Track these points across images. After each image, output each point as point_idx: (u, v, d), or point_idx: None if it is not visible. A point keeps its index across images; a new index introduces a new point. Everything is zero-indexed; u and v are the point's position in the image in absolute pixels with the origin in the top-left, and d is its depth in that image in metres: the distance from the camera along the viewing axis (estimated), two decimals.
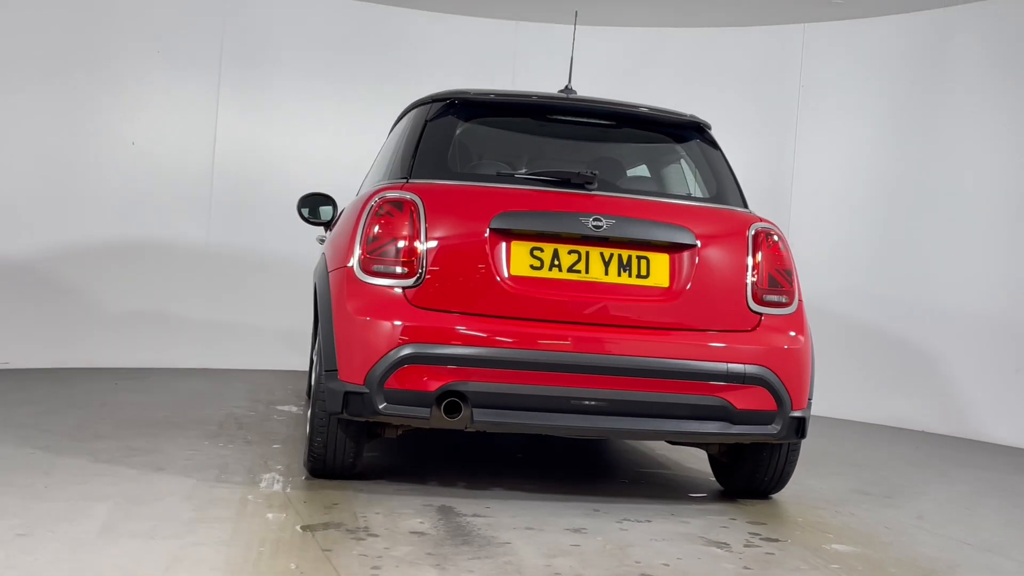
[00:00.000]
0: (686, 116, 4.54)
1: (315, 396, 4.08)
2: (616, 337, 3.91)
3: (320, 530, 3.36)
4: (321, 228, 6.17)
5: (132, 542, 3.09)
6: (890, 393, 7.81)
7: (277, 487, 4.01)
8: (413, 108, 4.59)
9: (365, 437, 4.10)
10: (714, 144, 4.53)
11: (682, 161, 4.53)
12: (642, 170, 4.71)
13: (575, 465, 5.14)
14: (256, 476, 4.21)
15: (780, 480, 4.39)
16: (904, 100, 7.93)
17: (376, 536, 3.33)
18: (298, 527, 3.39)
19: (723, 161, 4.49)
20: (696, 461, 5.26)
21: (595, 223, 3.95)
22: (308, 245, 7.26)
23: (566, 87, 4.70)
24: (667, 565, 3.24)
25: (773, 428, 4.00)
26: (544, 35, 8.98)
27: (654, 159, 4.71)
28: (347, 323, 3.88)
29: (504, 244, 3.94)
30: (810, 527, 3.99)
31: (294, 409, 6.43)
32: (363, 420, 3.92)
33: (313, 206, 5.94)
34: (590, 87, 5.18)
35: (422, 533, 3.41)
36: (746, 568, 3.28)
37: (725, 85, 8.64)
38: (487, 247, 3.92)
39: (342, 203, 6.12)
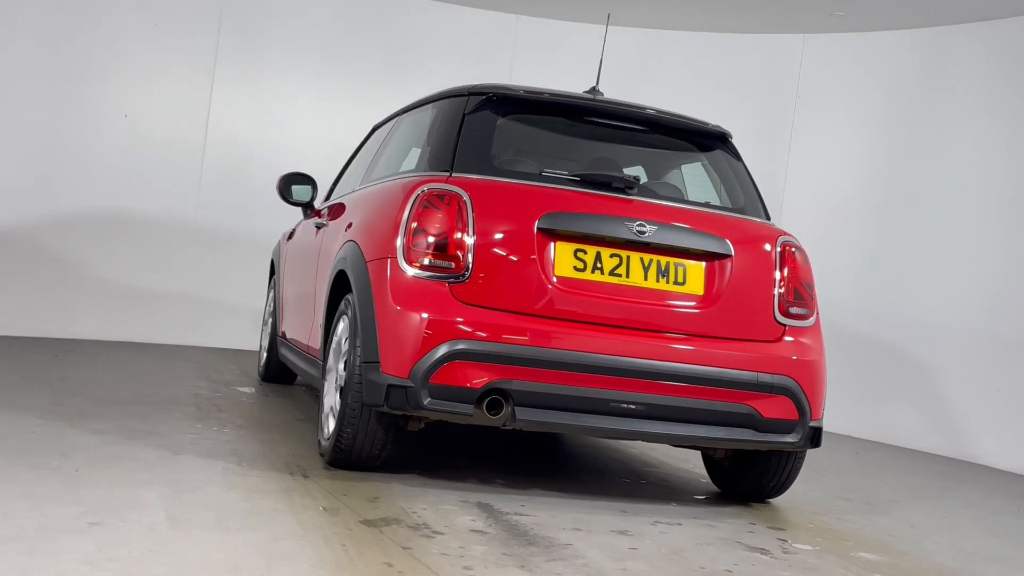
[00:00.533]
0: (711, 125, 4.61)
1: (348, 387, 4.00)
2: (655, 342, 3.97)
3: (382, 525, 3.32)
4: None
5: (209, 535, 3.00)
6: (871, 405, 7.86)
7: (305, 477, 3.93)
8: (442, 99, 4.52)
9: (394, 430, 4.06)
10: (737, 155, 4.62)
11: (708, 170, 4.60)
12: (672, 177, 4.77)
13: (575, 461, 5.19)
14: (275, 464, 4.13)
15: (783, 486, 4.52)
16: (899, 115, 8.04)
17: (442, 534, 3.30)
18: (358, 522, 3.34)
19: (747, 172, 4.58)
20: (681, 461, 5.37)
21: (639, 228, 3.99)
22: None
23: (593, 88, 4.71)
24: (730, 572, 3.31)
25: (793, 437, 4.13)
26: (543, 31, 8.97)
27: (682, 166, 4.78)
28: (392, 316, 3.83)
29: (551, 245, 3.94)
30: (824, 533, 4.12)
31: (253, 391, 6.31)
32: (403, 414, 3.89)
33: (292, 186, 5.84)
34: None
35: (482, 532, 3.40)
36: None
37: (722, 90, 8.69)
38: (534, 246, 3.92)
39: (323, 185, 6.03)
